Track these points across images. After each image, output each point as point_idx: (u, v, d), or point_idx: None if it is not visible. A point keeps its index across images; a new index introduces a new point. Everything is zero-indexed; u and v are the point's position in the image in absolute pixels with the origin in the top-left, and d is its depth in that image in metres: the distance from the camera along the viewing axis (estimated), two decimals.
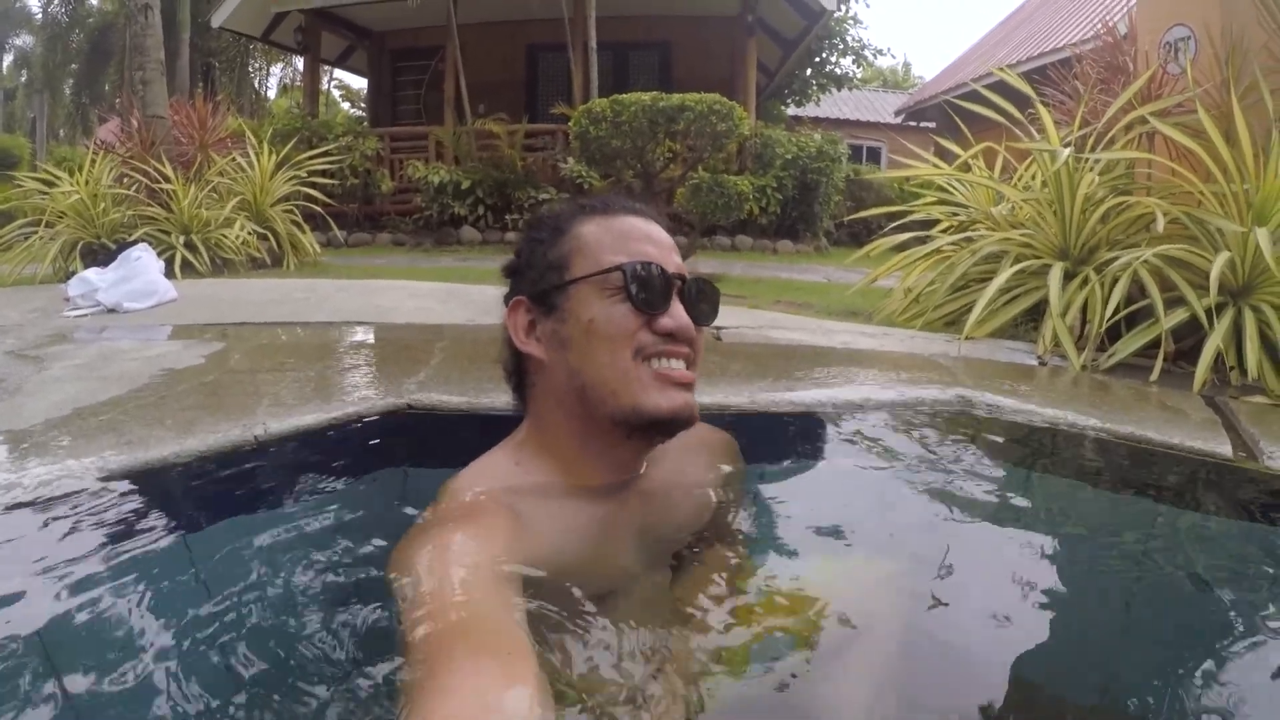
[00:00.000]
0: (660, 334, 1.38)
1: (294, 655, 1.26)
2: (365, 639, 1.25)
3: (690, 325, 1.40)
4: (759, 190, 12.48)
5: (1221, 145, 3.97)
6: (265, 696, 1.17)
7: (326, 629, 1.32)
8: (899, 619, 1.41)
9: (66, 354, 3.46)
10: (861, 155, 26.16)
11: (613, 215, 1.48)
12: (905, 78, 47.25)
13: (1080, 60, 6.05)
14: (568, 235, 1.45)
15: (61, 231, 8.16)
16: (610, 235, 1.43)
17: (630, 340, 1.36)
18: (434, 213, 13.21)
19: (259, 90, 33.55)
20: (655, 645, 1.29)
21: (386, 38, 18.69)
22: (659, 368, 1.38)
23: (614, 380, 1.36)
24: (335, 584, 1.47)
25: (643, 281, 1.37)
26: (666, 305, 1.39)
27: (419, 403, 2.58)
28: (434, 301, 5.33)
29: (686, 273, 1.44)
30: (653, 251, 1.41)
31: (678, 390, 1.38)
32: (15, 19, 34.14)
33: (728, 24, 15.89)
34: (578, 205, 1.52)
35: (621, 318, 1.37)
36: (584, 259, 1.42)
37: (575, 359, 1.39)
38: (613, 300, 1.38)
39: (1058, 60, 7.33)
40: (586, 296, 1.39)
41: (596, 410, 1.38)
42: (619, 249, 1.41)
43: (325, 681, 1.20)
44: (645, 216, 1.49)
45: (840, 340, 4.08)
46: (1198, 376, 3.32)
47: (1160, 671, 1.38)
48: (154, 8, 9.26)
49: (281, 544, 1.71)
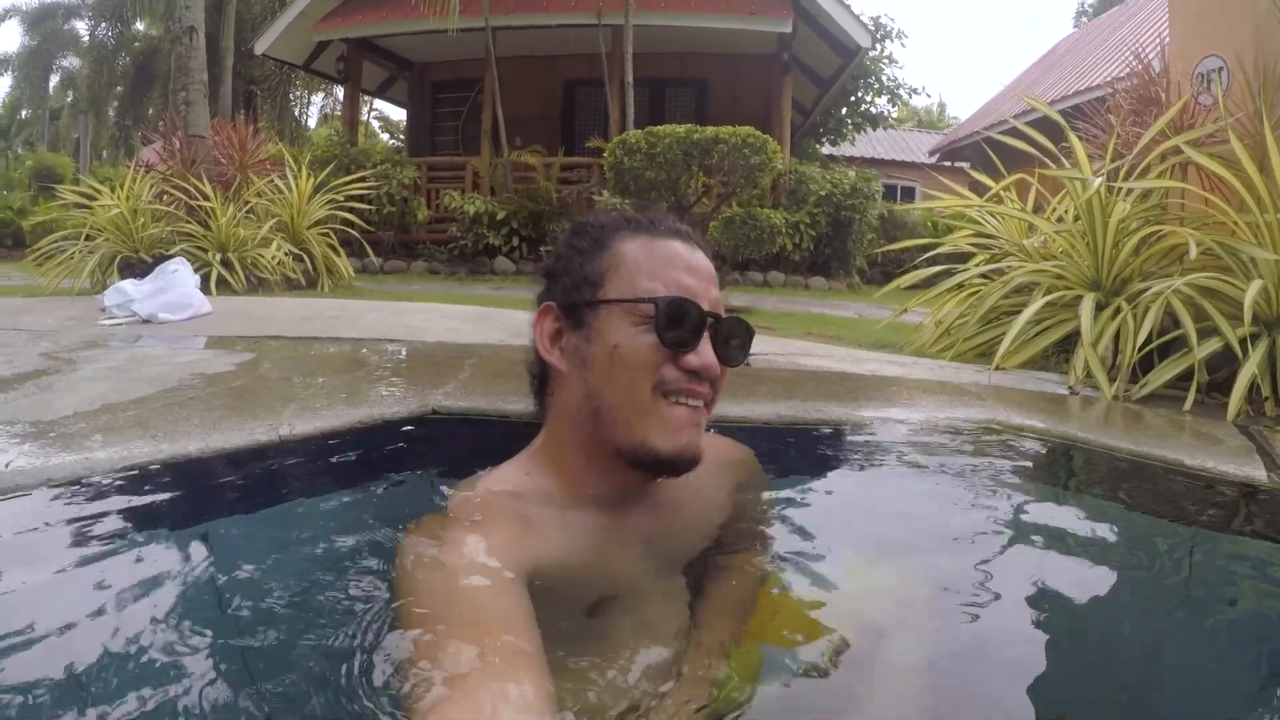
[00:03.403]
0: (685, 371, 1.34)
1: (303, 649, 1.26)
2: (376, 635, 1.25)
3: (715, 365, 1.35)
4: (792, 226, 12.50)
5: (1255, 174, 3.93)
6: (276, 688, 1.17)
7: (337, 625, 1.32)
8: (923, 634, 1.39)
9: (99, 358, 3.50)
10: (896, 194, 26.13)
11: (657, 237, 1.43)
12: (940, 118, 47.43)
13: (1114, 94, 6.03)
14: (608, 251, 1.41)
15: (100, 245, 8.28)
16: (651, 259, 1.39)
17: (653, 373, 1.33)
18: (469, 242, 13.33)
19: (299, 119, 34.11)
20: (665, 652, 1.28)
21: (427, 69, 18.94)
22: (676, 405, 1.34)
23: (629, 410, 1.34)
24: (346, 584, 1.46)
25: (675, 318, 1.33)
26: (696, 344, 1.34)
27: (444, 408, 2.59)
28: (465, 323, 5.35)
29: (723, 309, 1.40)
30: (691, 283, 1.37)
31: (685, 434, 1.35)
32: (63, 41, 34.83)
33: (764, 62, 15.95)
34: (623, 219, 1.47)
35: (648, 350, 1.33)
36: (620, 280, 1.38)
37: (595, 380, 1.37)
38: (641, 330, 1.34)
39: (1091, 99, 7.29)
40: (616, 320, 1.36)
41: (606, 435, 1.36)
42: (657, 275, 1.37)
43: (336, 674, 1.19)
44: (690, 242, 1.44)
45: (869, 368, 4.05)
46: (1231, 406, 3.28)
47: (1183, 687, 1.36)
48: (199, 30, 9.45)
49: (297, 541, 1.72)
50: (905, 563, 1.69)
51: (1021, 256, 5.35)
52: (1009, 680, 1.30)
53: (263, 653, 1.25)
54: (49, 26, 34.31)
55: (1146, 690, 1.36)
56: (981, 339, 4.87)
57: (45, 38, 34.60)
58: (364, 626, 1.28)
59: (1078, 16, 41.99)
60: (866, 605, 1.43)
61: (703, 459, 1.40)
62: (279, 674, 1.20)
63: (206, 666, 1.20)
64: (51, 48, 35.21)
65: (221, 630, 1.30)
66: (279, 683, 1.18)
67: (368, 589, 1.41)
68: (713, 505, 1.60)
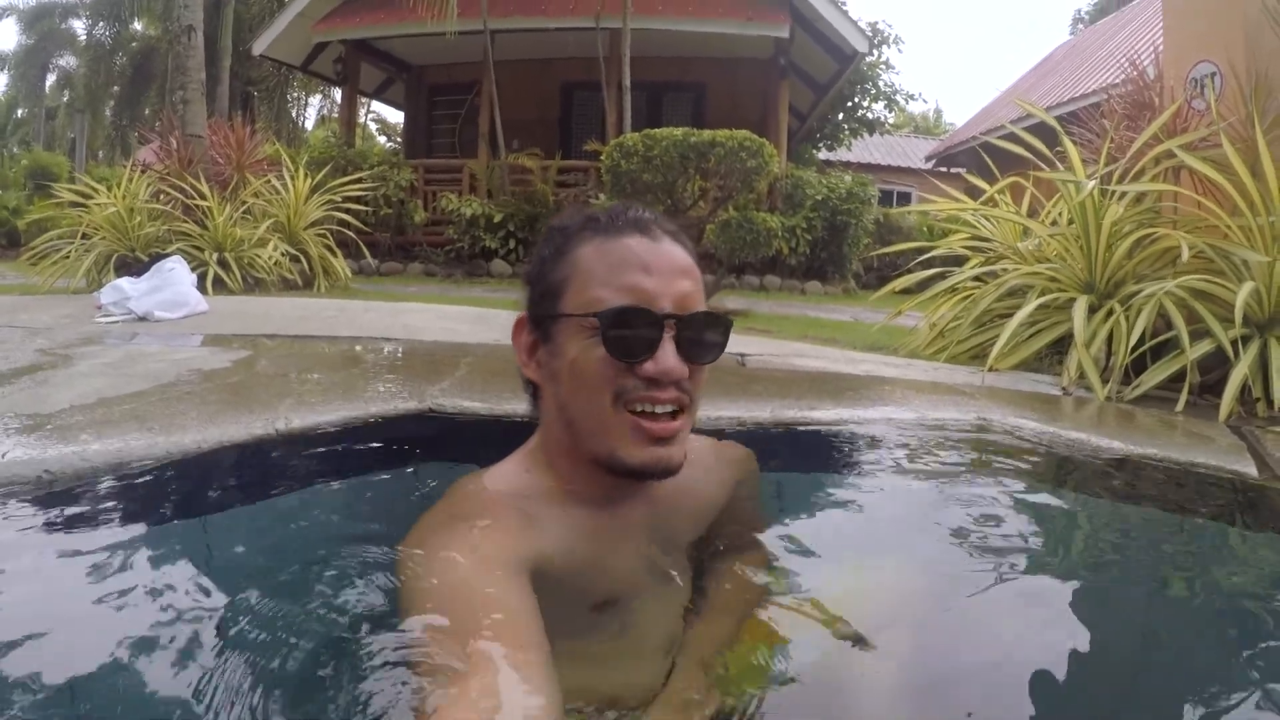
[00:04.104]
0: (644, 379, 1.28)
1: (302, 645, 1.26)
2: (376, 630, 1.25)
3: (675, 369, 1.28)
4: (788, 230, 12.51)
5: (1247, 178, 3.96)
6: (274, 684, 1.17)
7: (337, 620, 1.32)
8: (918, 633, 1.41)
9: (95, 354, 3.50)
10: (892, 200, 26.17)
11: (613, 236, 1.35)
12: (937, 124, 47.41)
13: (1109, 99, 6.06)
14: (566, 259, 1.35)
15: (96, 244, 8.27)
16: (603, 264, 1.32)
17: (609, 386, 1.28)
18: (465, 245, 13.35)
19: (296, 121, 34.02)
20: (664, 648, 1.30)
21: (425, 71, 18.93)
22: (642, 415, 1.29)
23: (594, 424, 1.31)
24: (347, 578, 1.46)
25: (621, 331, 1.27)
26: (650, 352, 1.27)
27: (440, 407, 2.60)
28: (463, 323, 5.35)
29: (698, 300, 1.34)
30: (646, 284, 1.29)
31: (655, 445, 1.30)
32: (60, 40, 34.80)
33: (761, 66, 15.96)
34: (585, 219, 1.40)
35: (600, 364, 1.28)
36: (573, 290, 1.33)
37: (563, 395, 1.35)
38: (593, 343, 1.28)
39: (1086, 105, 7.33)
40: (572, 333, 1.31)
41: (581, 446, 1.34)
42: (608, 281, 1.30)
43: (335, 670, 1.20)
44: (651, 234, 1.35)
45: (865, 369, 4.06)
46: (1223, 407, 3.30)
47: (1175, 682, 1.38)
48: (197, 29, 9.45)
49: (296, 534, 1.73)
50: (901, 561, 1.70)
51: (1016, 259, 5.37)
52: (1003, 677, 1.32)
53: (260, 648, 1.24)
54: (46, 25, 34.28)
55: (1139, 684, 1.38)
56: (975, 341, 4.89)
57: (42, 36, 34.57)
58: (365, 622, 1.28)
59: (1074, 23, 42.09)
60: (862, 603, 1.44)
61: (687, 461, 1.37)
62: (277, 670, 1.20)
63: (202, 661, 1.20)
64: (48, 46, 35.17)
65: (218, 625, 1.30)
66: (277, 679, 1.18)
67: (368, 584, 1.41)
68: (712, 503, 1.59)
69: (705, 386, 1.38)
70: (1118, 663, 1.42)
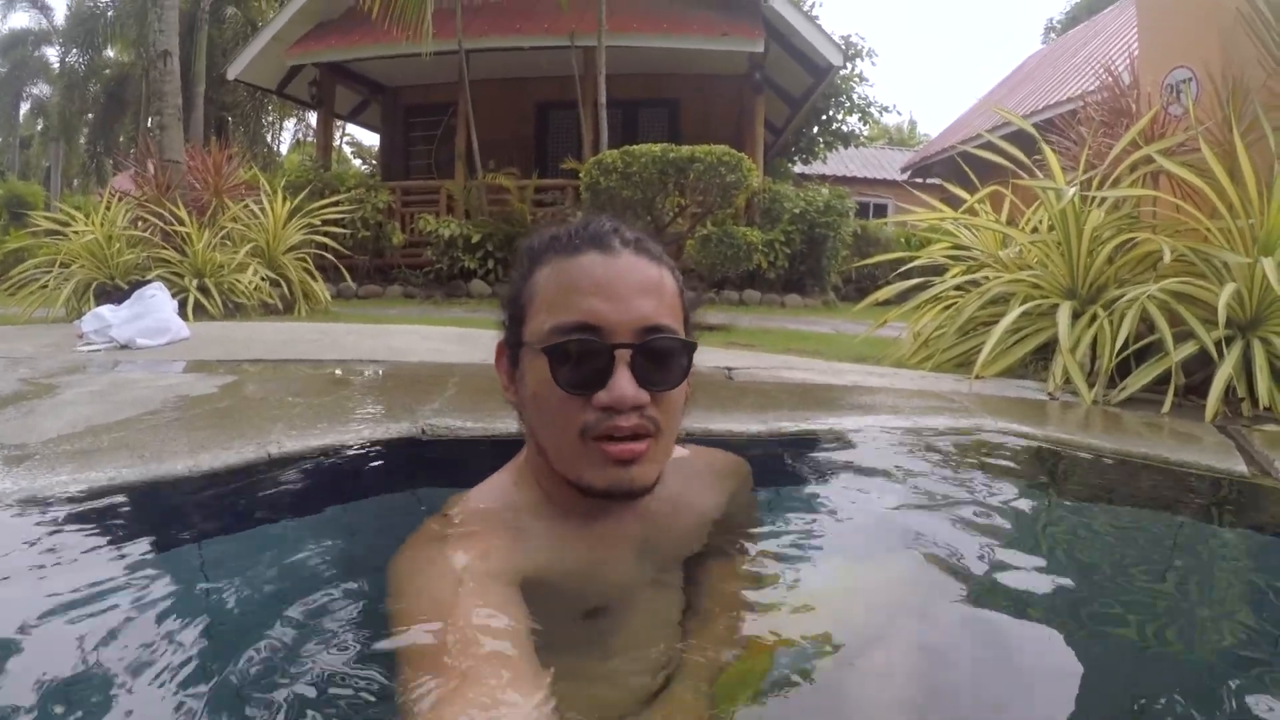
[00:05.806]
0: (603, 409, 1.22)
1: (297, 663, 1.26)
2: (366, 649, 1.26)
3: (630, 397, 1.21)
4: (767, 244, 12.53)
5: (1226, 182, 4.01)
6: (271, 701, 1.17)
7: (331, 637, 1.33)
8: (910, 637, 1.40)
9: (80, 382, 3.48)
10: (869, 212, 26.22)
11: (570, 255, 1.29)
12: (911, 135, 47.71)
13: (1085, 106, 6.12)
14: (529, 281, 1.32)
15: (75, 272, 8.20)
16: (557, 287, 1.27)
17: (572, 422, 1.24)
18: (444, 266, 13.31)
19: (272, 145, 33.95)
20: (658, 658, 1.30)
21: (400, 93, 18.92)
22: (609, 442, 1.23)
23: (561, 452, 1.27)
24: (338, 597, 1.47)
25: (567, 365, 1.23)
26: (601, 384, 1.22)
27: (432, 428, 2.59)
28: (447, 344, 5.34)
29: (656, 320, 1.26)
30: (600, 308, 1.23)
31: (617, 466, 1.24)
32: (33, 68, 34.65)
33: (736, 82, 16.00)
34: (548, 237, 1.35)
35: (559, 398, 1.24)
36: (531, 317, 1.29)
37: (532, 422, 1.33)
38: (549, 376, 1.24)
39: (1062, 113, 7.39)
40: (533, 363, 1.27)
41: (555, 469, 1.31)
42: (561, 307, 1.25)
43: (326, 690, 1.20)
44: (609, 251, 1.29)
45: (851, 379, 4.08)
46: (1209, 407, 3.33)
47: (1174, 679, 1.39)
48: (173, 54, 9.40)
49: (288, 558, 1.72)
50: (893, 566, 1.71)
51: (997, 267, 5.41)
52: (998, 681, 1.33)
53: (257, 667, 1.25)
54: (19, 54, 34.16)
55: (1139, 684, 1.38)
56: (960, 349, 4.91)
57: (15, 65, 34.45)
58: (358, 638, 1.29)
59: (1046, 32, 42.43)
60: (854, 609, 1.44)
61: (681, 474, 1.38)
62: (274, 688, 1.20)
63: (200, 682, 1.20)
64: (22, 75, 35.03)
65: (215, 646, 1.30)
66: (274, 696, 1.18)
67: (361, 600, 1.42)
68: (705, 514, 1.58)
69: (697, 400, 1.36)
70: (1116, 662, 1.43)
